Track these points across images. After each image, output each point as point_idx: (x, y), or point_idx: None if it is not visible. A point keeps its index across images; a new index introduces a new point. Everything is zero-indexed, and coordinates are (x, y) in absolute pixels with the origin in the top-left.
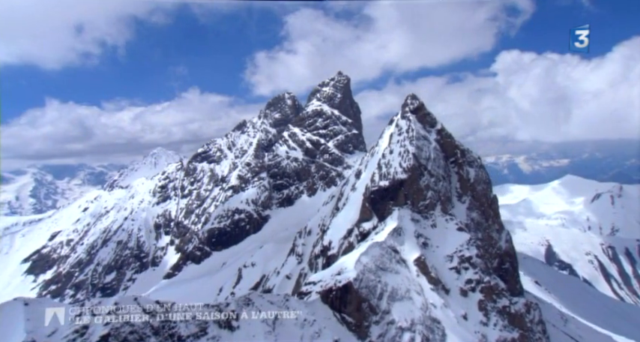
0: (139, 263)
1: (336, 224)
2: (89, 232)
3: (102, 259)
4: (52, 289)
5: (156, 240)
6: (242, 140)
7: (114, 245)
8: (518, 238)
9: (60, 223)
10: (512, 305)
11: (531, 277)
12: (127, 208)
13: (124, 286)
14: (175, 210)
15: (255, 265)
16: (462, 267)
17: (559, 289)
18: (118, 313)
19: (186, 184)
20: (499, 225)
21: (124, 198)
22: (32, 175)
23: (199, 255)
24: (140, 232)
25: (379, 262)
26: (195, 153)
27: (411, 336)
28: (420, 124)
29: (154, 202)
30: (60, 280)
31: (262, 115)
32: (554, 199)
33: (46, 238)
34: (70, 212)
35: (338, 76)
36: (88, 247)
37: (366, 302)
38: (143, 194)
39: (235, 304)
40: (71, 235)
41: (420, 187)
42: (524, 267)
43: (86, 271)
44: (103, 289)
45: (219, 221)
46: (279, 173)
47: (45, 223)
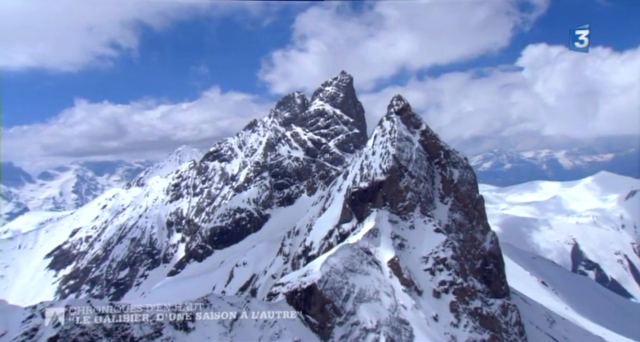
0: (151, 260)
1: (318, 225)
2: (106, 229)
3: (116, 256)
4: (70, 284)
5: (168, 237)
6: (252, 139)
7: (128, 242)
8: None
9: (81, 220)
10: (487, 307)
11: (539, 277)
12: (142, 206)
13: (137, 282)
14: (187, 208)
15: (247, 265)
16: (437, 268)
17: (568, 290)
18: (68, 315)
19: (198, 182)
20: (484, 226)
21: (140, 196)
22: (74, 171)
23: (202, 253)
24: (153, 229)
25: (348, 263)
26: (207, 152)
27: (375, 337)
28: (403, 125)
29: (167, 200)
30: (78, 276)
31: (272, 114)
32: (586, 195)
33: (67, 235)
34: (90, 209)
35: (341, 75)
36: (105, 244)
37: (330, 303)
38: (157, 192)
39: (192, 305)
40: (90, 232)
41: (400, 188)
42: (532, 267)
43: (102, 267)
44: (116, 284)
45: (222, 220)
46: (281, 173)
47: (67, 220)
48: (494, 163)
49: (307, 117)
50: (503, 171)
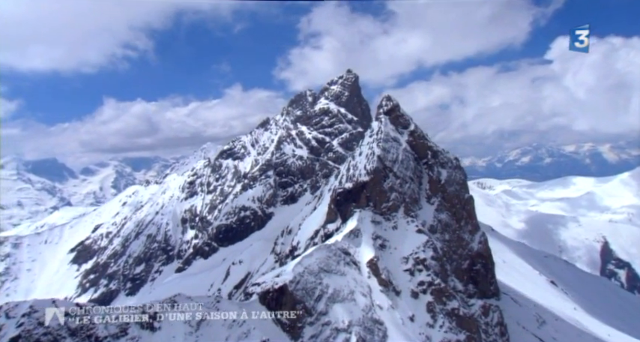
0: (166, 256)
1: (306, 225)
2: (125, 225)
3: (133, 251)
4: (90, 279)
5: (182, 234)
6: (265, 137)
7: (144, 238)
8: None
9: (103, 216)
10: (466, 307)
11: (548, 276)
12: (158, 203)
13: (152, 278)
14: (201, 205)
15: (242, 263)
16: (416, 269)
17: (581, 290)
18: (32, 316)
19: (212, 180)
20: (473, 226)
21: (158, 193)
22: (114, 167)
23: (207, 250)
24: (168, 226)
25: (323, 264)
26: (221, 150)
27: (346, 337)
28: (392, 126)
29: (182, 197)
30: (98, 270)
31: (285, 112)
32: (622, 191)
33: (89, 230)
34: (111, 206)
35: (346, 74)
36: (123, 240)
37: (301, 304)
38: (174, 190)
39: (159, 305)
40: (110, 228)
41: (384, 189)
42: (544, 266)
43: (119, 262)
44: (133, 279)
45: (227, 218)
46: (285, 171)
47: (90, 216)
48: (533, 157)
49: (312, 116)
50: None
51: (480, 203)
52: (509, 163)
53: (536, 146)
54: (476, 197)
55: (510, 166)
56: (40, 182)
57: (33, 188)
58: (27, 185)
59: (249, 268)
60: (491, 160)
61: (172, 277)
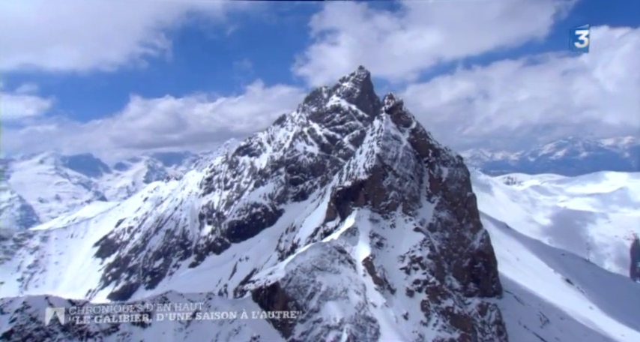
0: (184, 251)
1: (307, 222)
2: (146, 221)
3: (152, 246)
4: (112, 272)
5: (199, 229)
6: (280, 134)
7: (163, 233)
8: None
9: (125, 211)
10: (461, 306)
11: (564, 274)
12: (177, 199)
13: (170, 272)
14: (218, 201)
15: (249, 259)
16: (412, 267)
17: (599, 289)
18: (25, 312)
19: (229, 176)
20: (475, 224)
21: (177, 189)
22: (145, 162)
23: (220, 246)
24: (186, 221)
25: (317, 262)
26: (238, 146)
27: (337, 334)
28: (393, 124)
29: (200, 193)
30: (120, 264)
31: (300, 109)
32: None
33: (113, 225)
34: (134, 201)
35: (358, 70)
36: (144, 234)
37: (293, 301)
38: (192, 185)
39: (150, 302)
40: (132, 223)
41: (382, 187)
42: (560, 264)
43: (139, 257)
44: (152, 273)
45: (239, 214)
46: (296, 168)
47: (114, 211)
48: (568, 151)
49: (324, 113)
50: (578, 159)
51: (505, 199)
52: (543, 157)
53: (572, 139)
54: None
55: (544, 160)
56: (76, 177)
57: (70, 182)
58: (64, 180)
59: (255, 264)
60: (524, 154)
61: (186, 271)
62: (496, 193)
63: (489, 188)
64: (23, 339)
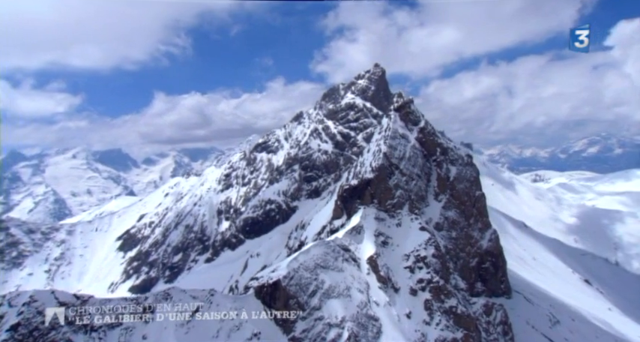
0: (202, 246)
1: (315, 220)
2: (166, 216)
3: (172, 241)
4: (133, 266)
5: (217, 225)
6: (298, 131)
7: (182, 228)
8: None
9: (147, 206)
10: (465, 306)
11: (583, 275)
12: (197, 194)
13: (188, 267)
14: (235, 197)
15: (260, 256)
16: (417, 266)
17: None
18: (31, 305)
19: (246, 173)
20: (484, 224)
21: (197, 185)
22: (173, 157)
23: (234, 242)
24: (204, 217)
25: (320, 260)
26: (256, 143)
27: (338, 332)
28: (401, 123)
29: (218, 189)
30: (140, 258)
31: (318, 106)
32: None
33: (135, 220)
34: (156, 197)
35: (374, 68)
36: (164, 229)
37: (294, 299)
38: (211, 182)
39: (154, 297)
40: (153, 218)
41: (389, 186)
42: (580, 264)
43: (159, 251)
44: (171, 267)
45: (254, 211)
46: (310, 165)
47: (137, 206)
48: (601, 147)
49: (338, 110)
50: (612, 157)
51: (529, 197)
52: (574, 154)
53: (605, 136)
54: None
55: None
56: (106, 171)
57: (100, 177)
58: (95, 174)
59: (265, 260)
60: (554, 151)
61: (202, 267)
62: (520, 191)
63: (513, 186)
64: (29, 332)
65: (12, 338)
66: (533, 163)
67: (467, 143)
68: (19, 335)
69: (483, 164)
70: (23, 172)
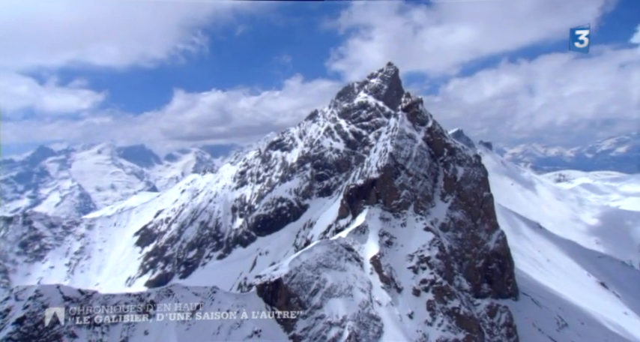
0: (216, 242)
1: (322, 219)
2: (182, 212)
3: (187, 237)
4: (150, 261)
5: (231, 222)
6: (312, 129)
7: (198, 225)
8: None
9: (164, 202)
10: (471, 307)
11: (600, 277)
12: (212, 191)
13: (203, 263)
14: (250, 195)
15: (269, 253)
16: (420, 267)
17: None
18: (37, 299)
19: (261, 170)
20: (491, 225)
21: (212, 182)
22: (194, 154)
23: (246, 239)
24: (219, 214)
25: (323, 259)
26: (271, 141)
27: (339, 331)
28: (409, 123)
29: (233, 186)
30: (157, 253)
31: (332, 104)
32: None
33: (152, 215)
34: (172, 193)
35: (387, 67)
36: (179, 225)
37: (296, 297)
38: (226, 179)
39: (156, 294)
40: (169, 214)
41: (394, 186)
42: (596, 267)
43: (175, 247)
44: (186, 263)
45: (266, 208)
46: (322, 164)
47: (154, 202)
48: (630, 147)
49: (351, 109)
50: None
51: (549, 197)
52: (601, 153)
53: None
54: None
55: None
56: (130, 167)
57: (124, 172)
58: (119, 169)
59: (274, 258)
60: (580, 151)
61: (214, 263)
62: (540, 191)
63: (533, 186)
64: (35, 325)
65: (18, 331)
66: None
67: (486, 142)
68: (24, 328)
69: (502, 164)
70: (51, 167)
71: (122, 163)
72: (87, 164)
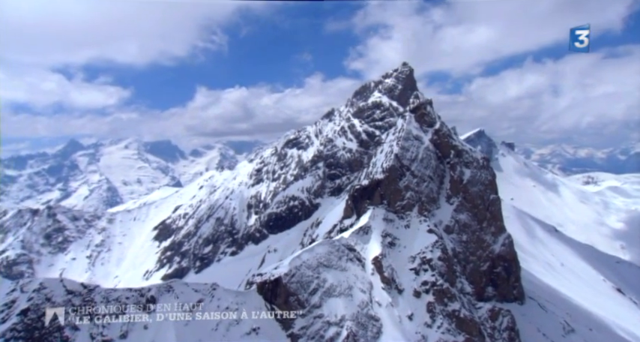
0: (231, 239)
1: (327, 218)
2: (199, 208)
3: (203, 233)
4: (167, 255)
5: (247, 219)
6: (328, 128)
7: (214, 221)
8: None
9: (183, 198)
10: (472, 310)
11: (617, 283)
12: (229, 188)
13: (218, 258)
14: (265, 192)
15: (277, 251)
16: (422, 268)
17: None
18: (41, 292)
19: (277, 168)
20: (497, 228)
21: (229, 178)
22: (218, 149)
23: (258, 237)
24: (235, 210)
25: (324, 258)
26: (287, 139)
27: (337, 330)
28: (416, 124)
29: (249, 184)
30: (174, 248)
31: (349, 103)
32: None
33: (170, 211)
34: (191, 189)
35: (402, 67)
36: (196, 221)
37: (295, 296)
38: (243, 176)
39: (156, 290)
40: (187, 210)
41: (399, 187)
42: (614, 272)
43: (191, 242)
44: (201, 258)
45: (278, 206)
46: (334, 163)
47: (173, 197)
48: None
49: (365, 109)
50: None
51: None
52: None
53: None
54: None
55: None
56: (155, 162)
57: (150, 167)
58: (145, 164)
59: (282, 256)
60: (612, 152)
61: (227, 259)
62: (564, 193)
63: (556, 188)
64: (38, 317)
65: (22, 322)
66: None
67: (508, 143)
68: (28, 320)
69: (525, 165)
70: (81, 161)
71: (148, 158)
72: (114, 158)
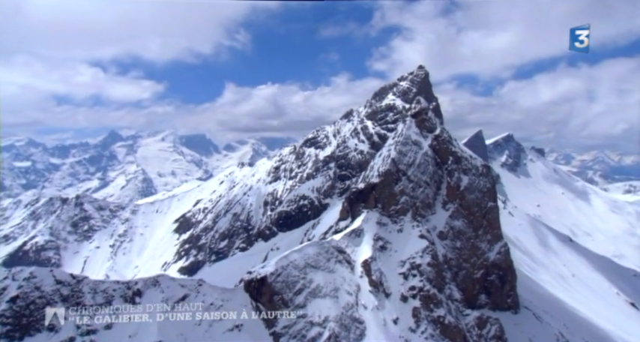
0: (246, 235)
1: (324, 220)
2: (218, 203)
3: (220, 227)
4: (185, 248)
5: (262, 215)
6: (346, 128)
7: (230, 216)
8: None
9: (204, 192)
10: (459, 317)
11: (630, 297)
12: (247, 184)
13: (232, 253)
14: (282, 190)
15: (279, 249)
16: (411, 273)
17: None
18: (31, 281)
19: (294, 166)
20: (494, 236)
21: (248, 175)
22: (251, 145)
23: (268, 234)
24: (251, 207)
25: (312, 259)
26: (306, 138)
27: (319, 331)
28: (416, 129)
29: (267, 181)
30: (191, 241)
31: (367, 104)
32: None
33: (191, 204)
34: (212, 183)
35: (417, 70)
36: (214, 216)
37: (279, 295)
38: (261, 173)
39: (143, 283)
40: (207, 204)
41: (394, 191)
42: (630, 285)
43: (208, 236)
44: (217, 253)
45: (288, 205)
46: (345, 164)
47: (194, 191)
48: None
49: (378, 111)
50: None
51: (604, 209)
52: None
53: None
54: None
55: None
56: (190, 155)
57: (184, 160)
58: (180, 157)
59: None
60: None
61: (237, 255)
62: (594, 202)
63: (587, 196)
64: (27, 304)
65: (10, 309)
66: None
67: (538, 149)
68: (17, 307)
69: (554, 171)
70: (119, 152)
71: (183, 151)
72: (151, 150)
